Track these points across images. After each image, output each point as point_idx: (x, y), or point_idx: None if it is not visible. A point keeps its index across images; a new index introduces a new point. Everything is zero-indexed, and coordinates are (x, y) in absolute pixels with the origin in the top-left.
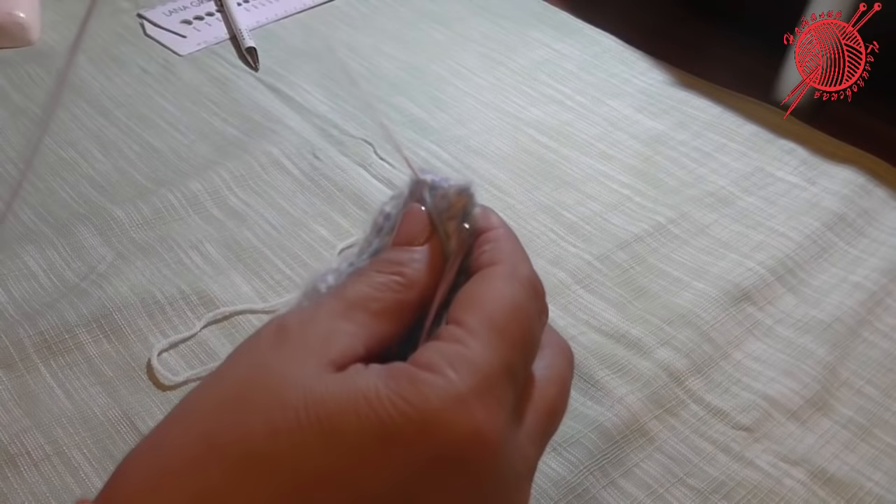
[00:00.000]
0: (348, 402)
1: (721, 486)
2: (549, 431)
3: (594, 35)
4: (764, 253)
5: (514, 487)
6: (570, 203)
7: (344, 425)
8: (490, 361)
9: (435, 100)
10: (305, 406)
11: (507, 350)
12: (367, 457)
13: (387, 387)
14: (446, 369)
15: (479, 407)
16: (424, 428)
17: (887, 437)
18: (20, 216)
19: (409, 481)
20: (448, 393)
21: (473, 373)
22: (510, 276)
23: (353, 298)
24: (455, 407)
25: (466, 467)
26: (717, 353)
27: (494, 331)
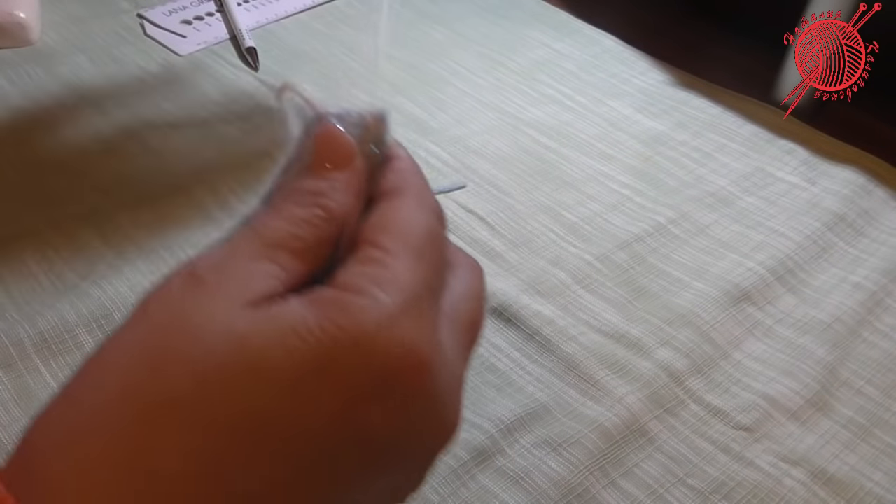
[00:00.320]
0: (276, 337)
1: (721, 487)
2: (471, 344)
3: (594, 35)
4: (764, 253)
5: (447, 402)
6: (570, 203)
7: (274, 362)
8: (414, 281)
9: (435, 100)
10: (230, 348)
11: (427, 271)
12: (302, 391)
13: (315, 316)
14: (375, 291)
15: (410, 326)
16: (361, 353)
17: (887, 437)
18: (20, 216)
19: (348, 410)
20: (381, 314)
21: (401, 292)
22: (420, 202)
23: (271, 238)
24: (389, 328)
25: (403, 387)
26: (717, 354)
27: (414, 252)
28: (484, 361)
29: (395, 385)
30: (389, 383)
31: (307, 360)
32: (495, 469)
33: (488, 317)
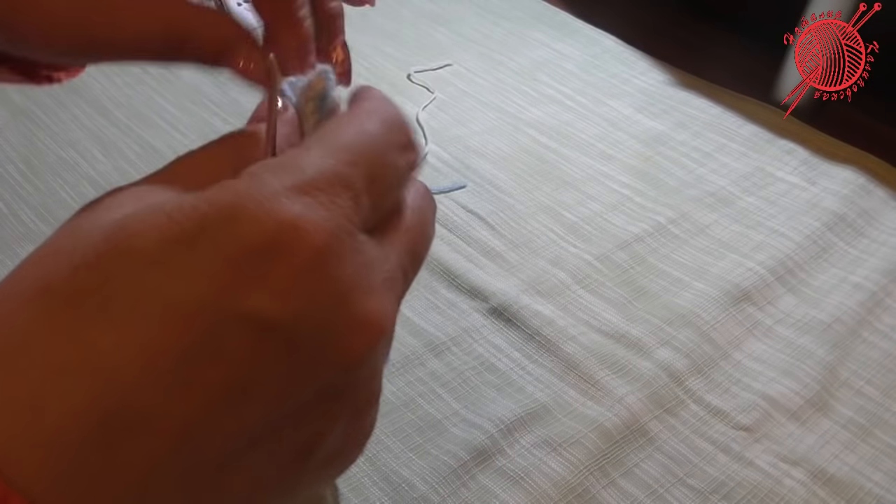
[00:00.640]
0: (148, 218)
1: (721, 487)
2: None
3: (594, 35)
4: (764, 253)
5: (358, 293)
6: (571, 203)
7: (142, 241)
8: (317, 166)
9: (435, 100)
10: (105, 235)
11: (343, 164)
12: (170, 265)
13: (192, 196)
14: (263, 174)
15: (296, 203)
16: (228, 222)
17: (887, 438)
18: (20, 216)
19: (223, 280)
20: (259, 189)
21: (293, 173)
22: (370, 112)
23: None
24: (266, 201)
25: (289, 265)
26: (717, 354)
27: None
28: (484, 361)
29: (275, 260)
30: (267, 257)
31: (174, 234)
32: (495, 469)
33: (488, 317)
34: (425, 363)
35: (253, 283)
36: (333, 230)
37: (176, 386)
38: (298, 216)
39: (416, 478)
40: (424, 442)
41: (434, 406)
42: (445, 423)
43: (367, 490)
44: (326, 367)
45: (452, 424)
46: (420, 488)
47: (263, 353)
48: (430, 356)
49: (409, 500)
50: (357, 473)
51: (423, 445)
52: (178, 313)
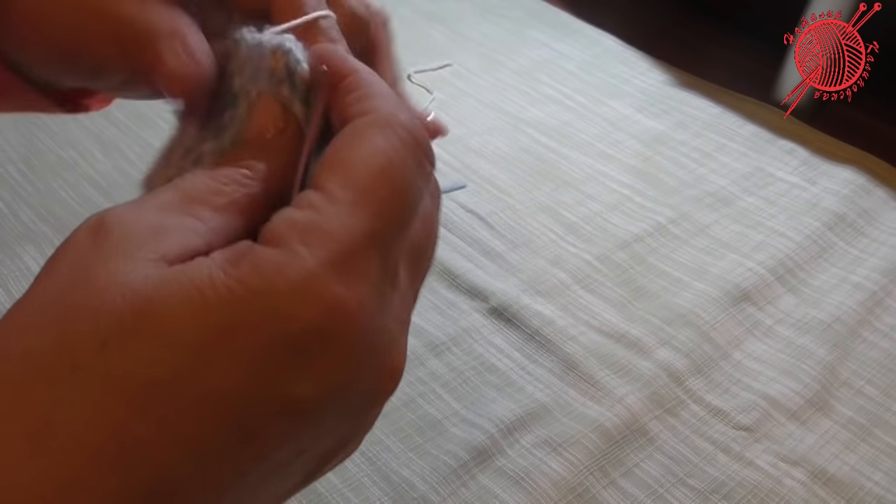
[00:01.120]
0: (180, 296)
1: (721, 487)
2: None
3: (594, 35)
4: (764, 253)
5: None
6: (570, 203)
7: (176, 323)
8: (350, 231)
9: (435, 100)
10: (132, 308)
11: (373, 217)
12: (207, 354)
13: (225, 273)
14: (295, 244)
15: (334, 282)
16: (269, 313)
17: (887, 437)
18: (20, 216)
19: (259, 373)
20: (295, 271)
21: (328, 245)
22: (383, 126)
23: (191, 191)
24: (305, 286)
25: (328, 349)
26: (717, 354)
27: (359, 194)
28: (484, 361)
29: (317, 347)
30: (309, 346)
31: (211, 321)
32: (495, 469)
33: (489, 317)
34: (425, 363)
35: (293, 371)
36: (368, 301)
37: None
38: (340, 300)
39: (416, 478)
40: (424, 442)
41: (434, 406)
42: (445, 423)
43: (367, 490)
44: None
45: (452, 424)
46: (420, 488)
47: (295, 429)
48: (430, 356)
49: (409, 499)
50: (357, 473)
51: (424, 445)
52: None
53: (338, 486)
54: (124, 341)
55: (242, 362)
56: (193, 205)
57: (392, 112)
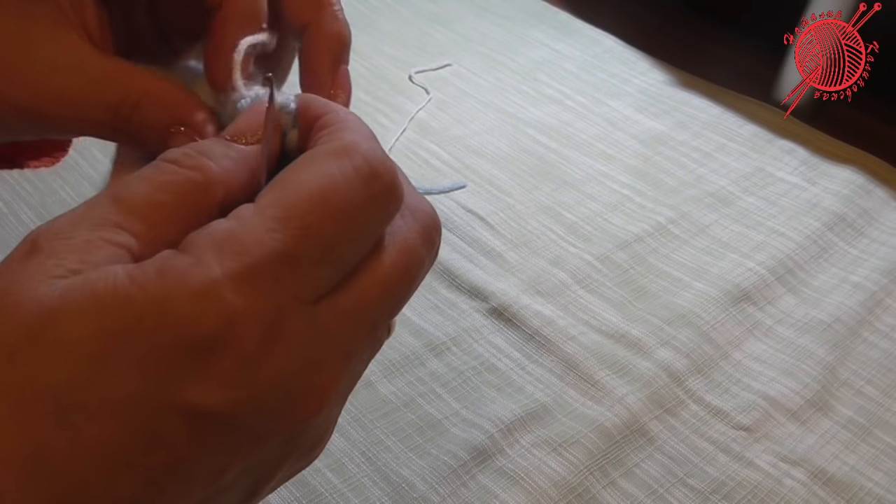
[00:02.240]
0: (80, 303)
1: (721, 487)
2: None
3: (594, 35)
4: (764, 253)
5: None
6: (570, 203)
7: (77, 330)
8: (266, 246)
9: (435, 99)
10: (39, 318)
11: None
12: (106, 360)
13: (129, 279)
14: (205, 252)
15: (235, 293)
16: (164, 318)
17: (887, 438)
18: (20, 216)
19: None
20: (197, 278)
21: (238, 257)
22: (339, 154)
23: (126, 202)
24: (203, 294)
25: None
26: (717, 354)
27: (286, 212)
28: (484, 361)
29: (214, 355)
30: (205, 353)
31: (109, 327)
32: (495, 469)
33: (489, 317)
34: (425, 363)
35: (190, 377)
36: (274, 318)
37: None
38: (237, 311)
39: (416, 478)
40: (424, 442)
41: (434, 406)
42: (445, 423)
43: (367, 490)
44: (268, 440)
45: (452, 424)
46: (420, 488)
47: (204, 438)
48: (430, 356)
49: (409, 499)
50: (357, 473)
51: (423, 445)
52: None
53: (338, 485)
54: (29, 351)
55: (139, 367)
56: (126, 216)
57: (354, 141)
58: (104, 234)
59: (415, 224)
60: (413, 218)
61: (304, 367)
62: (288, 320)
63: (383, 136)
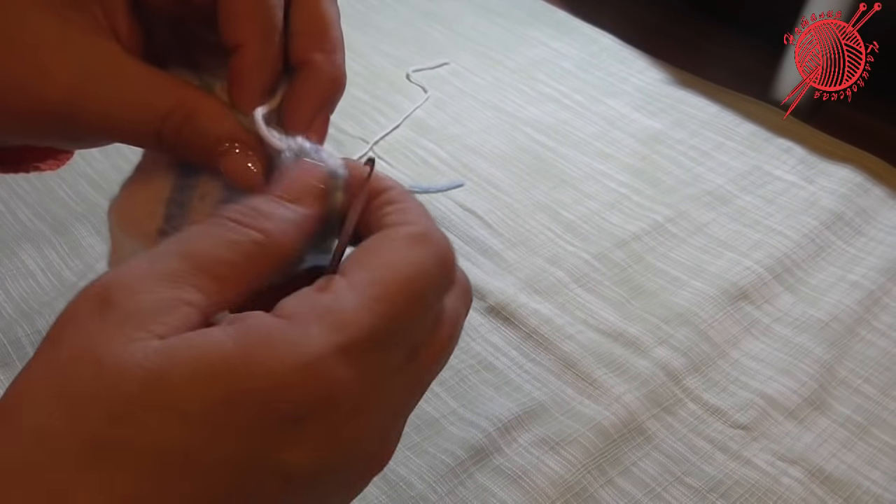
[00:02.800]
0: (189, 368)
1: (719, 485)
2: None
3: (592, 34)
4: (762, 251)
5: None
6: (568, 202)
7: (185, 396)
8: (365, 321)
9: (432, 98)
10: (142, 384)
11: (388, 318)
12: (214, 424)
13: (234, 344)
14: (310, 323)
15: (339, 365)
16: (274, 387)
17: (885, 436)
18: (18, 215)
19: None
20: (305, 349)
21: (341, 330)
22: (419, 240)
23: (196, 259)
24: (311, 364)
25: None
26: (714, 352)
27: (382, 292)
28: (482, 360)
29: (312, 422)
30: (306, 421)
31: (219, 394)
32: (493, 468)
33: (486, 315)
34: None
35: (287, 441)
36: (367, 392)
37: None
38: (337, 382)
39: (414, 476)
40: (422, 440)
41: (432, 405)
42: (443, 421)
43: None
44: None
45: (450, 423)
46: (418, 487)
47: (289, 494)
48: None
49: (406, 498)
50: None
51: (421, 444)
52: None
53: None
54: (135, 415)
55: (245, 432)
56: (195, 275)
57: (429, 229)
58: (179, 293)
59: (459, 294)
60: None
61: (379, 432)
62: (373, 392)
63: (381, 135)
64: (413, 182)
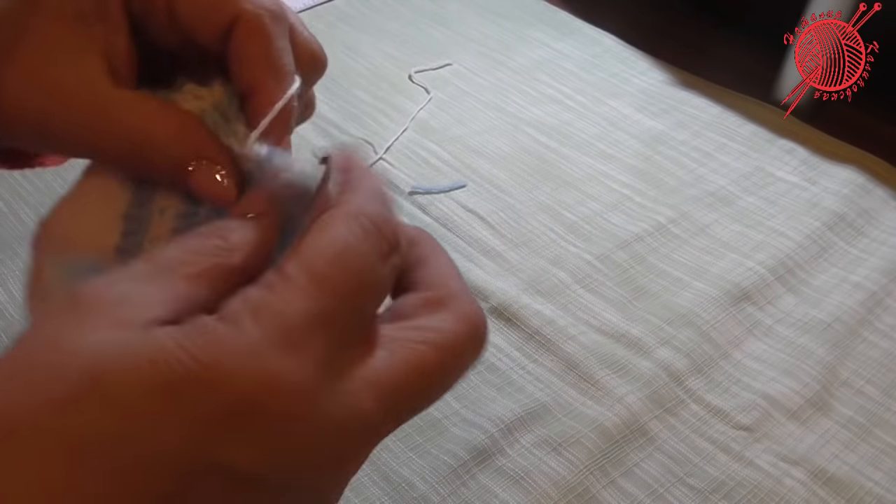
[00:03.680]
0: (131, 362)
1: (721, 486)
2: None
3: (594, 34)
4: (764, 253)
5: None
6: (571, 203)
7: (126, 386)
8: (299, 310)
9: (435, 99)
10: (86, 372)
11: (325, 299)
12: (152, 419)
13: (175, 343)
14: (245, 320)
15: (276, 358)
16: (211, 382)
17: (887, 437)
18: (20, 215)
19: (201, 436)
20: (240, 345)
21: (275, 322)
22: (348, 216)
23: (161, 262)
24: (247, 360)
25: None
26: (717, 353)
27: (312, 277)
28: (484, 361)
29: (253, 418)
30: (246, 416)
31: (158, 386)
32: (495, 469)
33: (489, 316)
34: None
35: (227, 439)
36: (312, 379)
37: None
38: (280, 375)
39: (416, 477)
40: (424, 441)
41: (434, 405)
42: (445, 422)
43: (367, 489)
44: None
45: (452, 424)
46: (420, 488)
47: (237, 493)
48: None
49: (409, 499)
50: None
51: (423, 445)
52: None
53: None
54: (77, 403)
55: (185, 428)
56: (161, 273)
57: (360, 204)
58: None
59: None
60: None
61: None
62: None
63: (384, 136)
64: (416, 183)
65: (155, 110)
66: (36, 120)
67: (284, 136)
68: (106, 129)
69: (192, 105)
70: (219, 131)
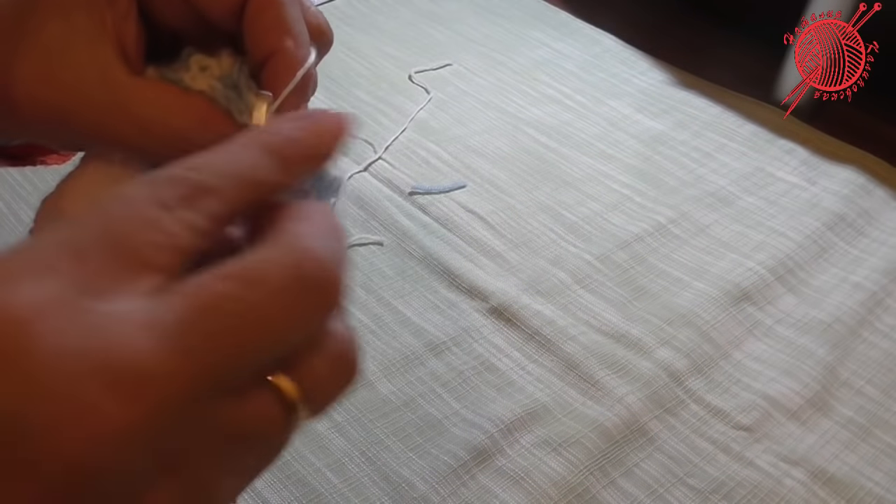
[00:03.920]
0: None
1: (721, 486)
2: (202, 327)
3: (594, 35)
4: (764, 253)
5: (65, 386)
6: (570, 203)
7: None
8: (48, 237)
9: (435, 99)
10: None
11: (78, 228)
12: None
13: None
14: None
15: (19, 286)
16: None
17: (887, 437)
18: (20, 216)
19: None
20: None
21: (16, 250)
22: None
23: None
24: None
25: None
26: (717, 353)
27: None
28: (484, 361)
29: None
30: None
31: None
32: (495, 469)
33: (488, 316)
34: (425, 363)
35: None
36: (52, 312)
37: None
38: (8, 300)
39: (416, 477)
40: (424, 442)
41: (434, 406)
42: (445, 422)
43: (367, 490)
44: (44, 466)
45: (452, 424)
46: (420, 488)
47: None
48: (430, 356)
49: (409, 499)
50: (357, 473)
51: (424, 445)
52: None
53: (338, 485)
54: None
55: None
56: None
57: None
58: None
59: (271, 255)
60: (275, 253)
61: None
62: (64, 314)
63: (383, 136)
64: (416, 183)
65: (174, 101)
66: (54, 116)
67: (302, 105)
68: (126, 122)
69: (201, 82)
70: (231, 107)
